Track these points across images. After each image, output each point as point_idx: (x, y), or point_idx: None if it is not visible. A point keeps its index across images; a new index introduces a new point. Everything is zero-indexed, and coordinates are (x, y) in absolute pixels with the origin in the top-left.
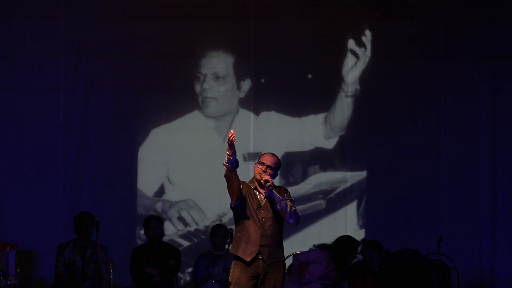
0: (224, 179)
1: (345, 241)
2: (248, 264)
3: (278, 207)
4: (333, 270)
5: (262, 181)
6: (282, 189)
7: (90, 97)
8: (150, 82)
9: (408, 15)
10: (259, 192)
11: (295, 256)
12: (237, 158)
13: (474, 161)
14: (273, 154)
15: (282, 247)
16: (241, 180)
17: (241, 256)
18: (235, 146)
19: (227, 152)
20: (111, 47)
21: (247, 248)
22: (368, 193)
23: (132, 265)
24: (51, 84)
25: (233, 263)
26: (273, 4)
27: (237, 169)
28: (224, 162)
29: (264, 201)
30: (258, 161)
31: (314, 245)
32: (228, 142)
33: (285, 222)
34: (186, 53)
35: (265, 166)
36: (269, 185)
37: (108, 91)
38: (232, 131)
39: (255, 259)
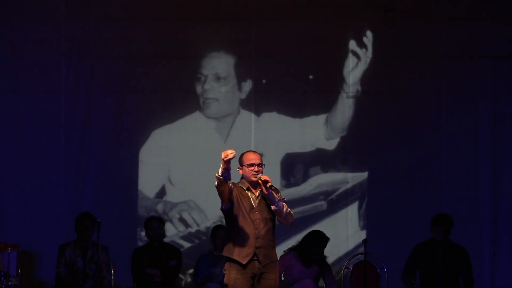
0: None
1: (310, 237)
2: (244, 266)
3: (275, 208)
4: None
5: (260, 181)
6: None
7: (91, 98)
8: (151, 83)
9: (409, 16)
10: (252, 193)
11: None
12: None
13: (475, 162)
14: (254, 151)
15: (275, 246)
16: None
17: (237, 259)
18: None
19: (222, 166)
20: (112, 48)
21: (242, 250)
22: (369, 194)
23: (133, 265)
24: (52, 85)
25: (227, 264)
26: (274, 5)
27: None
28: (217, 174)
29: (257, 201)
30: (243, 163)
31: (284, 251)
32: (224, 159)
33: (278, 222)
34: (187, 54)
35: (256, 166)
36: (270, 186)
37: (109, 92)
38: (233, 151)
39: (250, 260)
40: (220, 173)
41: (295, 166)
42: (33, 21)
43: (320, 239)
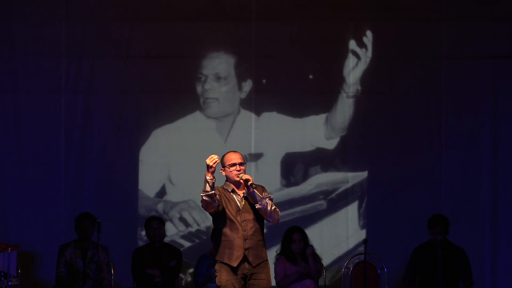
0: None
1: (285, 235)
2: (234, 268)
3: (259, 206)
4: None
5: (242, 181)
6: (259, 187)
7: (91, 98)
8: (151, 83)
9: (409, 15)
10: (237, 194)
11: (278, 284)
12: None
13: (475, 162)
14: (234, 151)
15: (265, 246)
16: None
17: (228, 263)
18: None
19: (208, 177)
20: (112, 48)
21: (232, 253)
22: (369, 194)
23: (133, 266)
24: (52, 85)
25: (218, 265)
26: (274, 5)
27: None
28: (202, 194)
29: (243, 203)
30: (225, 164)
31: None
32: (211, 165)
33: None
34: (187, 54)
35: (237, 165)
36: (251, 184)
37: (109, 92)
38: (214, 156)
39: (241, 262)
40: (209, 188)
41: (295, 166)
42: (33, 21)
43: (290, 233)
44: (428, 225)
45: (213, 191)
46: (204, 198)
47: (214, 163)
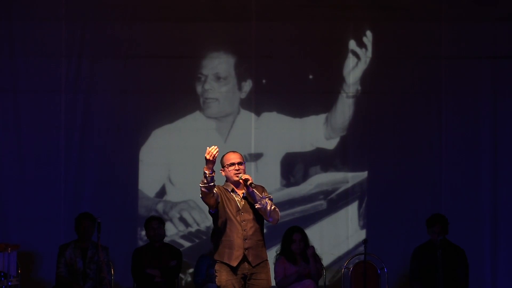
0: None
1: (285, 235)
2: (234, 268)
3: (259, 206)
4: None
5: (241, 180)
6: (259, 187)
7: (91, 98)
8: (151, 83)
9: (409, 15)
10: (236, 194)
11: (277, 284)
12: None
13: (475, 162)
14: (233, 151)
15: (265, 246)
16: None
17: (227, 262)
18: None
19: (206, 171)
20: (112, 48)
21: (231, 253)
22: (369, 194)
23: (133, 266)
24: (52, 85)
25: (217, 265)
26: (274, 5)
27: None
28: (201, 184)
29: (242, 203)
30: (224, 165)
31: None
32: (210, 158)
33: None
34: (187, 54)
35: (236, 165)
36: (250, 183)
37: (109, 92)
38: (215, 147)
39: (240, 262)
40: (207, 180)
41: (295, 166)
42: (33, 21)
43: (290, 233)
44: (427, 225)
45: (212, 183)
46: (202, 189)
47: (212, 157)
